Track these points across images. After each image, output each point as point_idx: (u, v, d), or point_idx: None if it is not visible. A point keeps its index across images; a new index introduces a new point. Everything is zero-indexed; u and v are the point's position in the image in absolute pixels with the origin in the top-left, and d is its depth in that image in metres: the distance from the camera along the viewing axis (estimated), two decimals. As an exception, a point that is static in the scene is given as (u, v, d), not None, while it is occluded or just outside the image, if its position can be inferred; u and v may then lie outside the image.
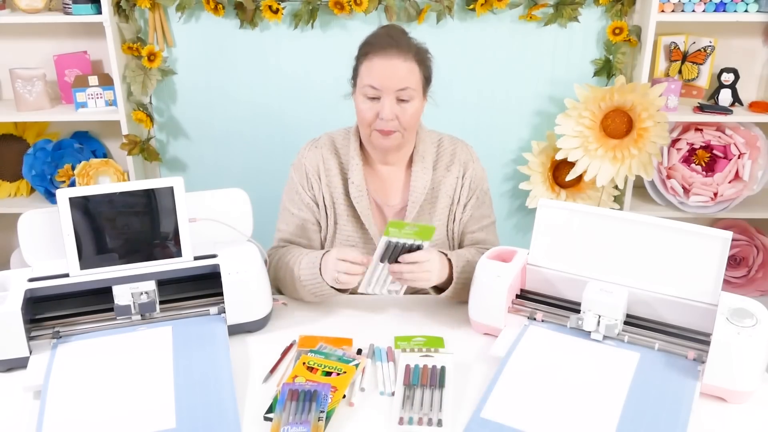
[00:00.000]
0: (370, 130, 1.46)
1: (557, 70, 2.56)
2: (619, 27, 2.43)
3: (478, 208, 1.59)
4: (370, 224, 1.52)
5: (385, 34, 1.46)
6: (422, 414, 1.09)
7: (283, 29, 2.50)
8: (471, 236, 1.59)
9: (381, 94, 1.42)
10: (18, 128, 2.65)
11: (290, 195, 1.57)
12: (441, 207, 1.55)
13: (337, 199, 1.53)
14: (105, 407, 1.09)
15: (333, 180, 1.54)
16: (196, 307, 1.33)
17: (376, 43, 1.43)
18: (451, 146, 1.59)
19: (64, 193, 1.24)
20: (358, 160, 1.52)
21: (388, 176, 1.56)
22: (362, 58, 1.45)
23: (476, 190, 1.58)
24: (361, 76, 1.45)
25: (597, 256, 1.29)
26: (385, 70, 1.41)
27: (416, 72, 1.43)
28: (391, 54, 1.41)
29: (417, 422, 1.07)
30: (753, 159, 2.47)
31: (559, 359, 1.20)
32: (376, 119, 1.44)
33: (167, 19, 2.49)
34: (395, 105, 1.42)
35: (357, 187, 1.51)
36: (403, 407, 1.10)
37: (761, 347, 1.11)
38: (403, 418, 1.08)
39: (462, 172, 1.57)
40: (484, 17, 2.47)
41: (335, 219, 1.54)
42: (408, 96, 1.42)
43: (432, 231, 1.30)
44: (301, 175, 1.55)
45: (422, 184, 1.52)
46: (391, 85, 1.41)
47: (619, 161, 2.38)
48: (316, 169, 1.54)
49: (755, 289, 2.72)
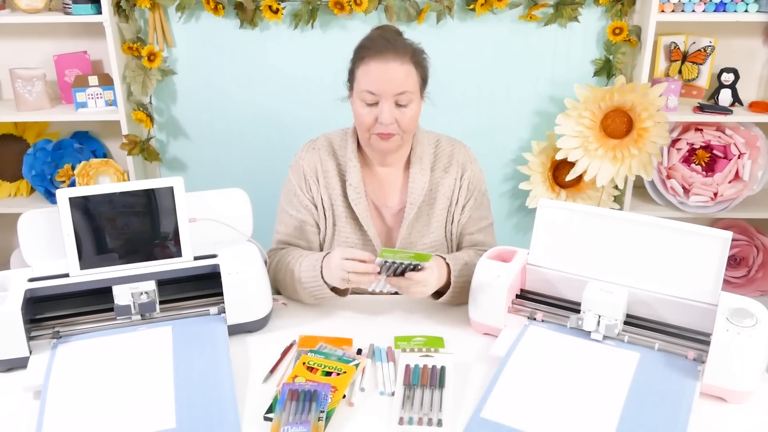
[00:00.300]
0: (369, 134, 1.45)
1: (557, 70, 2.56)
2: (619, 27, 2.43)
3: (477, 210, 1.58)
4: (369, 226, 1.51)
5: (380, 37, 1.44)
6: (422, 414, 1.09)
7: (283, 29, 2.50)
8: (469, 238, 1.58)
9: (379, 99, 1.40)
10: (18, 128, 2.65)
11: (288, 197, 1.56)
12: (439, 208, 1.55)
13: (335, 200, 1.53)
14: (105, 407, 1.09)
15: (331, 182, 1.53)
16: (196, 307, 1.33)
17: (372, 46, 1.41)
18: (449, 147, 1.58)
19: (64, 193, 1.24)
20: (356, 162, 1.51)
21: (386, 178, 1.55)
22: (358, 62, 1.43)
23: (474, 191, 1.58)
24: (358, 80, 1.43)
25: (597, 256, 1.29)
26: (383, 74, 1.39)
27: (413, 74, 1.42)
28: (387, 57, 1.39)
29: (417, 422, 1.07)
30: (753, 159, 2.47)
31: (559, 359, 1.20)
32: (375, 123, 1.43)
33: (167, 19, 2.49)
34: (394, 109, 1.41)
35: (355, 189, 1.51)
36: (403, 407, 1.10)
37: (761, 347, 1.11)
38: (403, 418, 1.08)
39: (460, 174, 1.56)
40: (484, 17, 2.47)
41: (334, 221, 1.54)
42: (406, 100, 1.41)
43: (429, 257, 1.28)
44: (299, 177, 1.54)
45: (420, 186, 1.52)
46: (390, 90, 1.39)
47: (619, 161, 2.38)
48: (314, 171, 1.53)
49: (755, 289, 2.72)
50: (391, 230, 1.56)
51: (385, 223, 1.56)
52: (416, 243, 1.54)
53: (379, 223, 1.56)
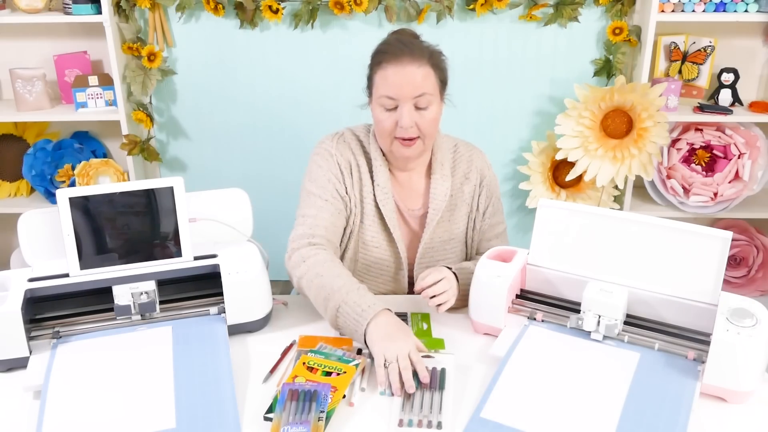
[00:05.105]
0: (390, 140, 1.43)
1: (557, 70, 2.56)
2: (619, 27, 2.43)
3: (493, 216, 1.59)
4: (395, 227, 1.50)
5: (396, 41, 1.42)
6: (422, 416, 1.09)
7: (283, 29, 2.50)
8: (488, 244, 1.58)
9: (398, 103, 1.38)
10: (18, 128, 2.65)
11: (320, 182, 1.47)
12: (460, 214, 1.55)
13: (365, 197, 1.50)
14: (105, 407, 1.09)
15: (363, 177, 1.50)
16: (196, 307, 1.33)
17: (389, 51, 1.39)
18: (468, 153, 1.57)
19: (64, 193, 1.24)
20: (382, 162, 1.49)
21: (408, 182, 1.54)
22: (376, 68, 1.41)
23: (492, 197, 1.58)
24: (376, 86, 1.41)
25: (597, 256, 1.29)
26: (400, 78, 1.37)
27: (432, 76, 1.40)
28: (404, 61, 1.37)
29: (417, 424, 1.07)
30: (753, 159, 2.47)
31: (559, 359, 1.20)
32: (395, 128, 1.40)
33: (167, 19, 2.49)
34: (413, 112, 1.39)
35: (382, 189, 1.49)
36: (403, 409, 1.10)
37: (761, 347, 1.11)
38: (403, 420, 1.08)
39: (479, 180, 1.56)
40: (484, 17, 2.47)
41: (362, 218, 1.51)
42: (426, 102, 1.39)
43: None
44: (334, 166, 1.48)
45: (443, 192, 1.51)
46: (408, 93, 1.37)
47: (619, 161, 2.38)
48: (348, 164, 1.49)
49: (755, 289, 2.72)
50: (414, 233, 1.55)
51: (408, 225, 1.55)
52: (437, 248, 1.54)
53: (404, 225, 1.55)
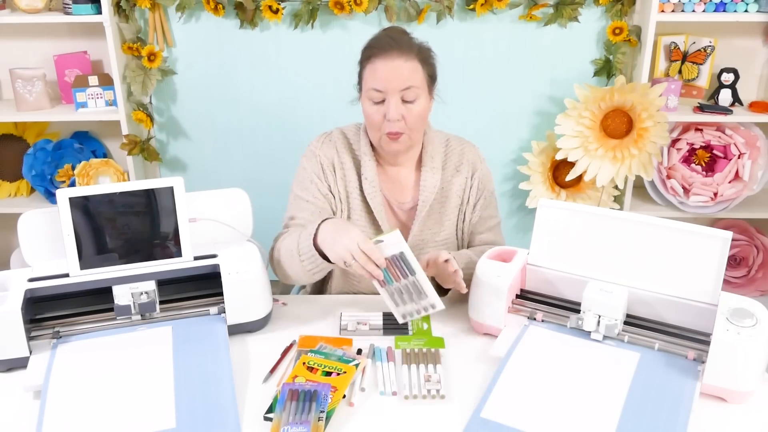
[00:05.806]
0: (379, 134, 1.46)
1: (557, 70, 2.56)
2: (619, 27, 2.43)
3: (486, 209, 1.60)
4: (383, 220, 1.52)
5: (385, 36, 1.46)
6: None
7: (283, 29, 2.50)
8: (480, 237, 1.60)
9: (386, 96, 1.42)
10: (18, 128, 2.65)
11: (304, 185, 1.54)
12: (451, 207, 1.56)
13: (351, 193, 1.53)
14: (105, 407, 1.09)
15: (347, 174, 1.53)
16: (196, 307, 1.33)
17: (378, 45, 1.43)
18: (459, 147, 1.60)
19: (64, 193, 1.24)
20: (370, 157, 1.52)
21: (398, 176, 1.56)
22: (365, 62, 1.45)
23: (484, 190, 1.60)
24: (365, 80, 1.45)
25: (597, 256, 1.29)
26: (388, 71, 1.40)
27: (419, 71, 1.43)
28: (392, 55, 1.41)
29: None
30: (753, 159, 2.47)
31: (559, 359, 1.20)
32: (383, 122, 1.43)
33: (167, 19, 2.49)
34: (401, 105, 1.42)
35: (370, 183, 1.51)
36: (394, 301, 1.18)
37: (761, 347, 1.11)
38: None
39: (471, 173, 1.58)
40: (484, 17, 2.47)
41: (349, 213, 1.54)
42: (413, 96, 1.42)
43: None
44: (316, 166, 1.53)
45: (432, 184, 1.53)
46: (395, 86, 1.40)
47: (619, 161, 2.38)
48: (331, 162, 1.53)
49: (755, 289, 2.72)
50: (403, 226, 1.57)
51: (398, 218, 1.57)
52: (428, 240, 1.55)
53: (393, 219, 1.57)
